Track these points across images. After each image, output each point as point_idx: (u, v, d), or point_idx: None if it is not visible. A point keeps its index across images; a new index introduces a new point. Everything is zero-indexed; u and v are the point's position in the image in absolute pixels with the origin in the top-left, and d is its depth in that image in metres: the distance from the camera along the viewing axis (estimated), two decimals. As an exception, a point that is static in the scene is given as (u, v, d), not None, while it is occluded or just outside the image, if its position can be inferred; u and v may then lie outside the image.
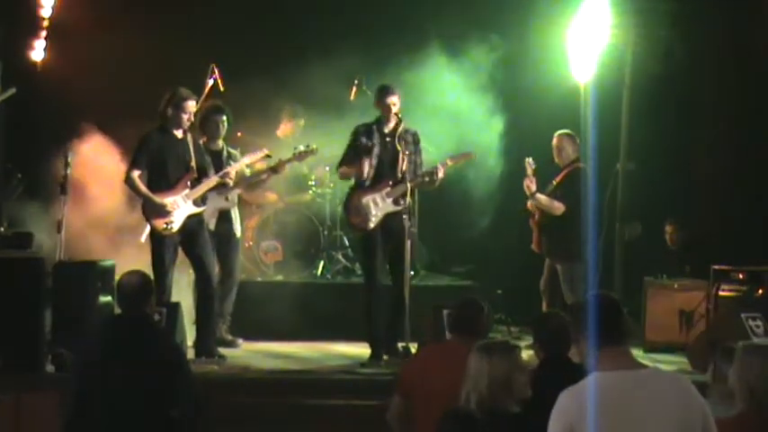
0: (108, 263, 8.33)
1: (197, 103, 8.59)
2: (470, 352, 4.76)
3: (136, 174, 8.32)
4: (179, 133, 8.39)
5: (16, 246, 8.20)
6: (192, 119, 8.45)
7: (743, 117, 11.04)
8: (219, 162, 8.94)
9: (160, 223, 8.30)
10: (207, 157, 8.75)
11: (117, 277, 7.70)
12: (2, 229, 8.88)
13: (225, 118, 9.18)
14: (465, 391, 4.67)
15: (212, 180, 8.50)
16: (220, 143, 9.23)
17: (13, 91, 9.15)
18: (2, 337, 7.53)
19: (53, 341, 7.73)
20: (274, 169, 9.20)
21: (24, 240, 8.30)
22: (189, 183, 8.39)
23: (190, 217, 8.39)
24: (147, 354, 5.30)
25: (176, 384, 5.31)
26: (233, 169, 8.68)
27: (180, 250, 8.50)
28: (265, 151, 8.98)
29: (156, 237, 8.36)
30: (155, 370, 5.26)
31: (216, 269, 8.81)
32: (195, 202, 8.43)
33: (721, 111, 11.18)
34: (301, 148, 9.22)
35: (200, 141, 8.94)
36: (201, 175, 8.47)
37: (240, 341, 9.29)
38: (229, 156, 9.15)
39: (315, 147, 9.21)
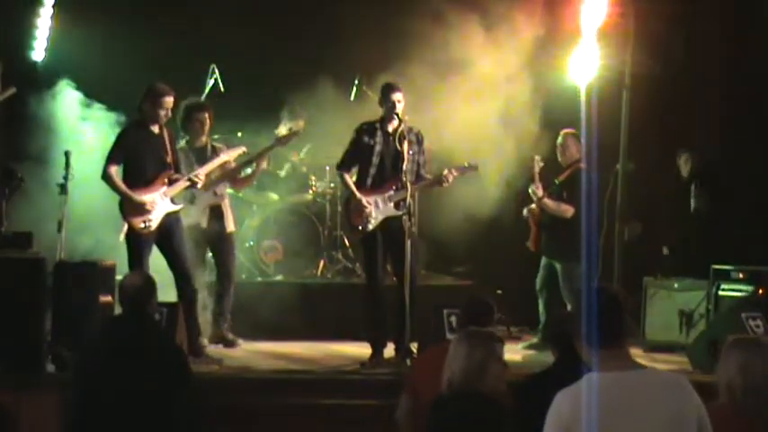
0: (108, 263, 8.34)
1: (175, 98, 8.41)
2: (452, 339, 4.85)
3: (112, 169, 8.22)
4: (155, 128, 8.31)
5: (16, 246, 8.20)
6: (170, 114, 8.35)
7: (743, 117, 11.05)
8: (204, 159, 8.86)
9: (138, 222, 8.22)
10: (187, 154, 8.74)
11: (118, 277, 7.80)
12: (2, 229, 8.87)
13: (207, 115, 9.06)
14: (444, 375, 4.74)
15: (186, 180, 8.40)
16: (204, 140, 9.09)
17: (13, 90, 9.15)
18: (2, 337, 7.53)
19: (53, 341, 7.72)
20: (259, 156, 9.10)
21: (24, 240, 8.29)
22: (166, 180, 8.32)
23: (167, 215, 8.32)
24: (147, 354, 5.31)
25: (177, 385, 5.32)
26: (204, 170, 8.56)
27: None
28: (242, 149, 8.94)
29: (133, 235, 8.27)
30: (156, 371, 5.27)
31: (191, 266, 8.59)
32: (173, 200, 8.35)
33: (721, 111, 11.17)
34: (282, 131, 9.17)
35: (185, 139, 8.95)
36: (178, 171, 8.39)
37: (240, 341, 9.26)
38: (214, 151, 9.03)
39: (297, 129, 9.15)
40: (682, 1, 10.47)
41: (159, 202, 8.28)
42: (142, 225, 8.23)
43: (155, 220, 8.24)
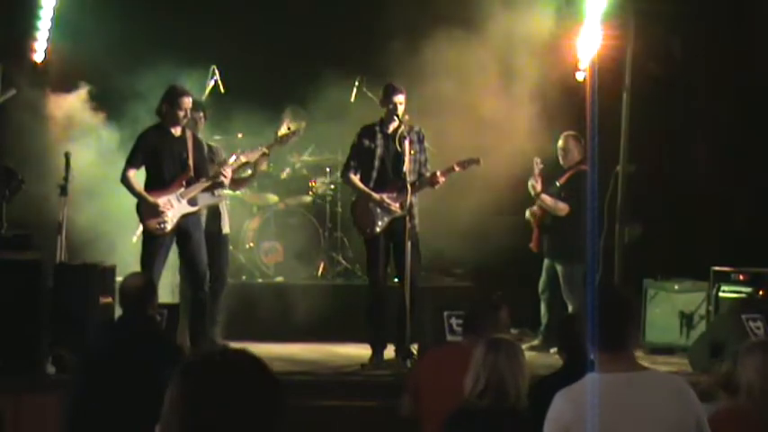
0: (109, 264, 8.33)
1: (193, 99, 8.46)
2: (478, 346, 4.81)
3: (131, 173, 8.26)
4: (176, 131, 8.30)
5: (16, 247, 8.19)
6: (189, 115, 8.34)
7: (743, 118, 11.05)
8: None
9: (152, 223, 8.23)
10: (208, 154, 8.73)
11: (118, 278, 7.79)
12: (2, 231, 8.87)
13: (202, 114, 9.02)
14: (468, 385, 4.71)
15: (206, 181, 8.39)
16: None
17: (13, 91, 9.15)
18: (2, 337, 7.53)
19: (53, 342, 7.72)
20: (258, 156, 9.07)
21: (24, 241, 8.29)
22: (184, 182, 8.32)
23: (184, 217, 8.31)
24: (148, 356, 5.31)
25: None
26: (229, 168, 8.56)
27: (172, 251, 8.43)
28: (264, 149, 8.88)
29: (148, 236, 8.31)
30: (156, 372, 5.26)
31: (205, 270, 8.62)
32: (190, 202, 8.35)
33: (721, 111, 11.18)
34: (284, 130, 9.15)
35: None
36: (200, 173, 8.37)
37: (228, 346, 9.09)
38: (211, 150, 8.99)
39: (296, 128, 9.12)
40: (682, 1, 10.47)
41: (175, 204, 8.28)
42: (157, 227, 8.23)
43: (170, 222, 8.24)
